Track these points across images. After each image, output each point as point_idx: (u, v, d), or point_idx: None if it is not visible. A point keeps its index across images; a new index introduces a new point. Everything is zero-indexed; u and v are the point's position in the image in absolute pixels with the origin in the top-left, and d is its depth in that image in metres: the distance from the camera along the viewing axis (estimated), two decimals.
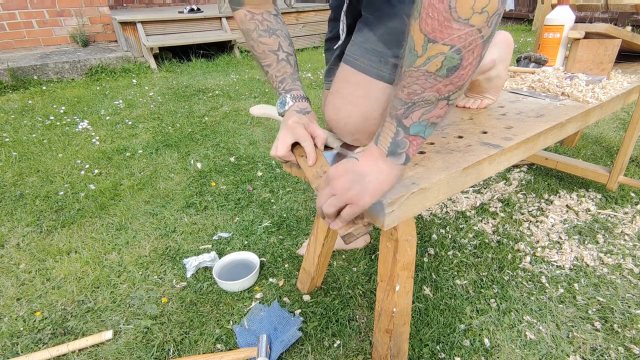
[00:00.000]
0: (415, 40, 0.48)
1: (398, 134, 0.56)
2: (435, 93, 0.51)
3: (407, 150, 0.57)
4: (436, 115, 0.54)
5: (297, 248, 1.35)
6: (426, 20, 0.46)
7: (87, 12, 4.04)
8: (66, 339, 1.03)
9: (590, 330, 1.02)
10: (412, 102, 0.53)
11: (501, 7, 0.47)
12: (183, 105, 2.83)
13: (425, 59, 0.49)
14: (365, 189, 0.58)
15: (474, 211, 1.54)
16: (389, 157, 0.58)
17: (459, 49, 0.47)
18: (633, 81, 1.25)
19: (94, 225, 1.50)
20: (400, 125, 0.55)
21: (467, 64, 0.49)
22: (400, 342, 0.85)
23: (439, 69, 0.49)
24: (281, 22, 0.84)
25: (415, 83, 0.51)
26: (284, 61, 0.81)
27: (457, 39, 0.46)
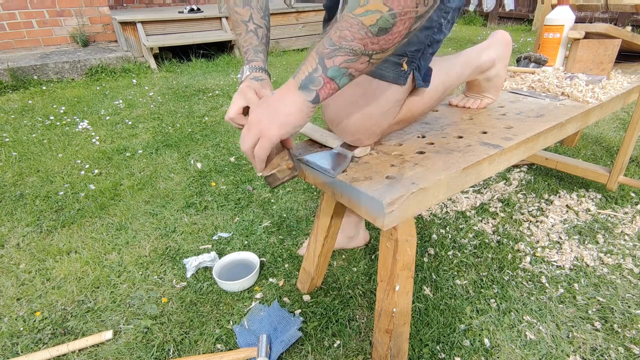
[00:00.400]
0: None
1: (316, 70, 0.57)
2: (362, 46, 0.54)
3: (319, 89, 0.58)
4: (355, 67, 0.56)
5: (297, 248, 1.35)
6: None
7: (87, 12, 4.04)
8: (66, 339, 1.03)
9: (590, 330, 1.02)
10: (339, 46, 0.54)
11: None
12: (183, 105, 2.83)
13: (364, 10, 0.51)
14: (273, 119, 0.60)
15: (474, 211, 1.54)
16: (300, 90, 0.59)
17: (394, 13, 0.50)
18: (633, 81, 1.25)
19: (94, 225, 1.50)
20: (322, 63, 0.57)
21: (396, 30, 0.52)
22: (400, 342, 0.85)
23: (372, 24, 0.52)
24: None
25: (348, 29, 0.53)
26: (251, 32, 0.82)
27: (396, 4, 0.50)
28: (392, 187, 0.66)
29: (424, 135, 0.88)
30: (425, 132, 0.89)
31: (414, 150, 0.80)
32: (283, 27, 4.69)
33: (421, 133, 0.89)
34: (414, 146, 0.82)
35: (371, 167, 0.74)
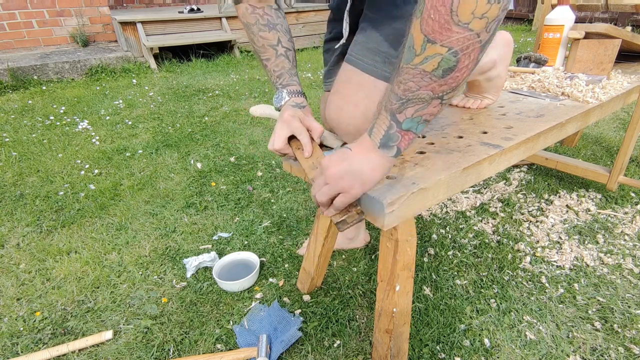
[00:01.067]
0: (415, 39, 0.49)
1: (391, 127, 0.57)
2: (430, 92, 0.52)
3: (399, 143, 0.58)
4: (429, 113, 0.55)
5: (297, 248, 1.35)
6: (427, 21, 0.47)
7: (87, 12, 4.04)
8: (66, 339, 1.03)
9: (590, 330, 1.02)
10: (406, 98, 0.54)
11: (501, 14, 0.47)
12: (183, 105, 2.83)
13: (423, 58, 0.50)
14: (356, 179, 0.60)
15: (474, 211, 1.54)
16: (380, 149, 0.59)
17: (456, 51, 0.48)
18: (633, 81, 1.25)
19: (94, 225, 1.50)
20: (394, 119, 0.56)
21: (462, 66, 0.50)
22: (400, 342, 0.85)
23: (435, 69, 0.50)
24: (282, 17, 0.84)
25: (411, 80, 0.52)
26: (282, 56, 0.81)
27: (455, 42, 0.47)
28: (393, 187, 0.66)
29: (424, 135, 0.88)
30: (425, 132, 0.89)
31: (414, 150, 0.80)
32: None
33: (421, 133, 0.89)
34: (414, 146, 0.82)
35: None
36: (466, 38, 0.47)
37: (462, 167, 0.72)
